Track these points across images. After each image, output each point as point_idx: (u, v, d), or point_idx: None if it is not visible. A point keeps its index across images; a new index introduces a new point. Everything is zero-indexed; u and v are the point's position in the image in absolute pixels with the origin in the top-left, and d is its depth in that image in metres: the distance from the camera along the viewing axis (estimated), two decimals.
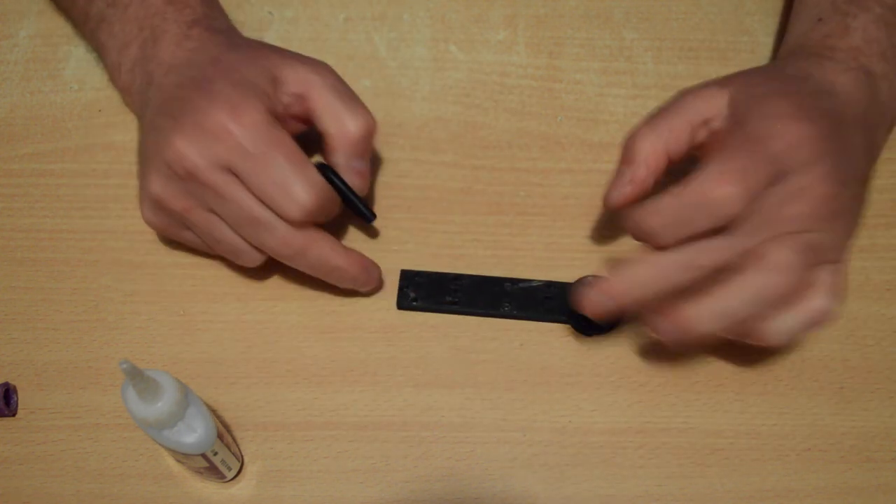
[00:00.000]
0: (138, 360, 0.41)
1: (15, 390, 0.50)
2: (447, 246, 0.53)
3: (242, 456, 0.48)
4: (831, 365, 0.50)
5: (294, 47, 0.58)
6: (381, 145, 0.56)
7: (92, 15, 0.53)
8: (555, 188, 0.55)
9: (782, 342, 0.44)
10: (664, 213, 0.43)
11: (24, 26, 0.59)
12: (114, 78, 0.54)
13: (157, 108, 0.48)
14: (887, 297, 0.52)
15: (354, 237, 0.54)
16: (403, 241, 0.53)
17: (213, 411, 0.45)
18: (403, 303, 0.51)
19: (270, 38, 0.59)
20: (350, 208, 0.50)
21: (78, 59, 0.58)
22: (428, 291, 0.51)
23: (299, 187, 0.45)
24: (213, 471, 0.45)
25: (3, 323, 0.51)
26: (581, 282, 0.51)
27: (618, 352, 0.51)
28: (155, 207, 0.48)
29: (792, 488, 0.48)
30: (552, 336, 0.51)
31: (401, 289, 0.52)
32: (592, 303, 0.45)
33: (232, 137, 0.44)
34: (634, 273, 0.43)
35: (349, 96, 0.49)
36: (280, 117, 0.47)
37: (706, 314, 0.42)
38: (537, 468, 0.48)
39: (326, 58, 0.59)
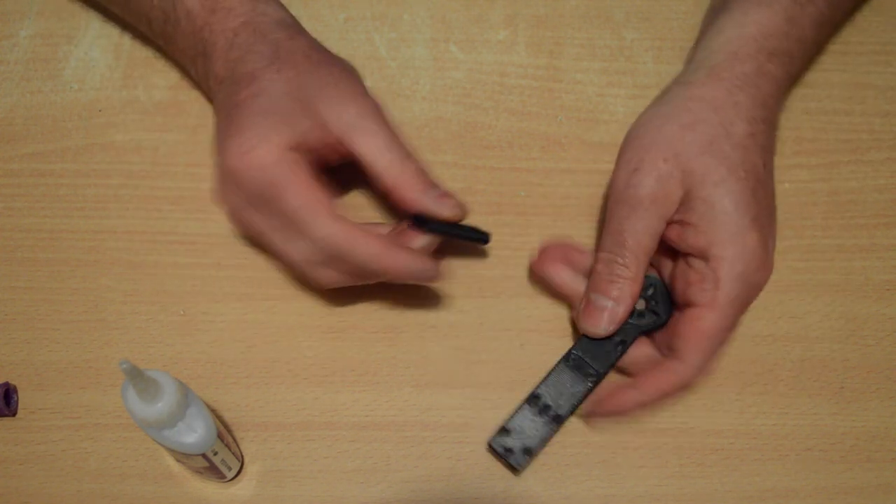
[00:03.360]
0: (138, 360, 0.41)
1: (15, 390, 0.50)
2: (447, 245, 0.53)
3: (242, 456, 0.48)
4: (831, 365, 0.50)
5: None
6: None
7: (158, 33, 0.53)
8: (555, 188, 0.55)
9: None
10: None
11: (24, 26, 0.59)
12: (202, 91, 0.56)
13: (215, 129, 0.49)
14: (887, 296, 0.52)
15: None
16: None
17: (214, 411, 0.45)
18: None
19: None
20: (462, 239, 0.49)
21: (78, 59, 0.58)
22: None
23: (302, 237, 0.45)
24: (213, 471, 0.45)
25: (3, 323, 0.51)
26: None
27: None
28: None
29: (792, 488, 0.48)
30: (553, 336, 0.51)
31: None
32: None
33: (241, 183, 0.45)
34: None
35: (393, 140, 0.47)
36: (315, 150, 0.46)
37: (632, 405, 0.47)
38: (537, 468, 0.48)
39: None
